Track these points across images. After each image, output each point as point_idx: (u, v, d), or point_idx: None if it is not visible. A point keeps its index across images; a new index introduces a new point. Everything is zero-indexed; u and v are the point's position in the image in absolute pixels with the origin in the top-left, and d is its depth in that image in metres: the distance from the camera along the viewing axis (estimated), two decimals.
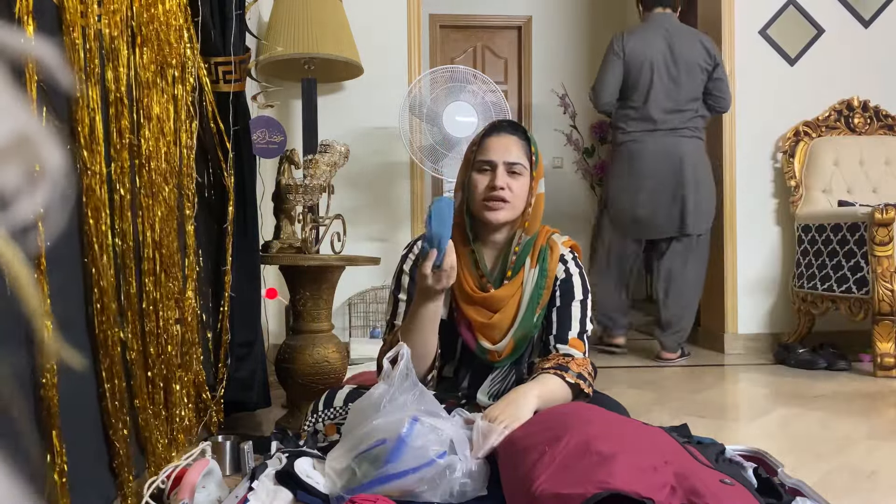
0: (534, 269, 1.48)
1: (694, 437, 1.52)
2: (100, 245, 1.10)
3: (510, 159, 1.45)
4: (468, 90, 2.82)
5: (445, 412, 1.26)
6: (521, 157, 1.46)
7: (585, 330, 1.49)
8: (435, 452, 1.14)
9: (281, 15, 2.71)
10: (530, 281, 1.48)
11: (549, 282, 1.48)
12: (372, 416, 1.20)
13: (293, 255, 1.94)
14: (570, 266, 1.51)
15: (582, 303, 1.50)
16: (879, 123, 3.39)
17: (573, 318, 1.48)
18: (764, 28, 3.37)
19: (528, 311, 1.46)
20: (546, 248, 1.51)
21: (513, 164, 1.45)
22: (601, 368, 2.97)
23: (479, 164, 1.47)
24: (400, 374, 1.24)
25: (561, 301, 1.48)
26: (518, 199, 1.46)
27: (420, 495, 1.14)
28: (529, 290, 1.47)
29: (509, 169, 1.45)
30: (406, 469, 1.12)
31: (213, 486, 1.27)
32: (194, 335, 1.52)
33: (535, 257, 1.49)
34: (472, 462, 1.18)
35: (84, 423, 1.10)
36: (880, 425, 2.00)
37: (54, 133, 0.30)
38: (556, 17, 5.48)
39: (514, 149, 1.46)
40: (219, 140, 1.70)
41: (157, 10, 1.34)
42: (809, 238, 3.13)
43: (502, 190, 1.43)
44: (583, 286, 1.51)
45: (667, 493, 0.95)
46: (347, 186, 3.10)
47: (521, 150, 1.47)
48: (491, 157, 1.46)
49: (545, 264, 1.49)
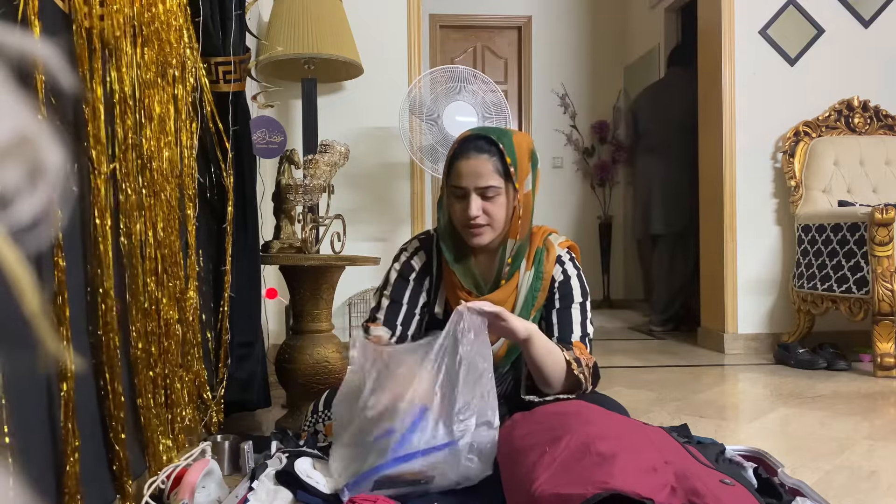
0: (529, 272, 1.47)
1: (694, 437, 1.52)
2: (104, 244, 1.10)
3: (481, 184, 1.40)
4: (468, 90, 2.82)
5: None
6: (493, 177, 1.40)
7: (587, 333, 1.47)
8: (442, 439, 1.14)
9: (281, 15, 2.71)
10: (525, 283, 1.47)
11: (546, 284, 1.47)
12: (359, 404, 1.20)
13: (293, 255, 1.94)
14: (568, 268, 1.50)
15: (582, 305, 1.48)
16: (879, 123, 3.39)
17: (574, 321, 1.46)
18: (764, 28, 3.37)
19: (523, 313, 1.45)
20: (542, 250, 1.49)
21: (485, 188, 1.40)
22: (601, 368, 2.97)
23: (453, 190, 1.44)
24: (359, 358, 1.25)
25: (560, 304, 1.47)
26: (497, 219, 1.42)
27: (427, 478, 1.14)
28: (524, 292, 1.46)
29: (482, 194, 1.40)
30: (415, 452, 1.13)
31: (213, 486, 1.27)
32: (195, 335, 1.52)
33: (531, 259, 1.48)
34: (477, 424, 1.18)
35: (84, 423, 1.10)
36: (880, 425, 2.00)
37: (57, 133, 0.30)
38: (556, 17, 5.48)
39: (484, 171, 1.39)
40: (219, 140, 1.70)
41: (157, 10, 1.34)
42: (809, 238, 3.13)
43: (477, 218, 1.40)
44: (581, 288, 1.49)
45: (667, 493, 0.95)
46: (347, 186, 3.10)
47: (493, 168, 1.40)
48: (462, 183, 1.42)
49: (541, 266, 1.47)
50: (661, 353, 3.46)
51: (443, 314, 1.50)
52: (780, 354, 3.07)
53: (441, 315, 1.50)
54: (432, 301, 1.53)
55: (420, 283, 1.52)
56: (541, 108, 5.48)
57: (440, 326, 1.47)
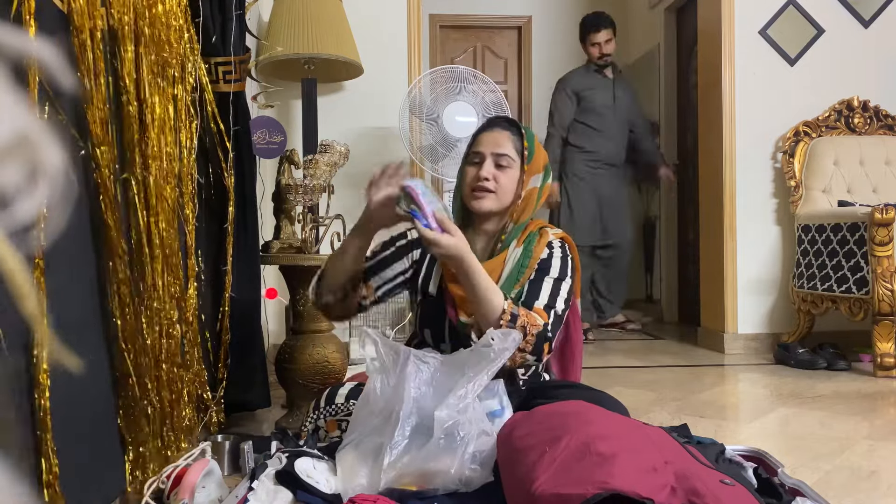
0: (518, 248, 1.50)
1: (694, 437, 1.52)
2: (108, 245, 1.10)
3: (498, 151, 1.49)
4: (468, 90, 2.82)
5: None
6: (510, 150, 1.50)
7: (554, 305, 1.43)
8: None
9: (281, 15, 2.71)
10: (513, 258, 1.49)
11: (533, 262, 1.48)
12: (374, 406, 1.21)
13: (293, 255, 1.94)
14: (555, 251, 1.51)
15: (556, 281, 1.46)
16: (879, 123, 3.39)
17: (543, 290, 1.44)
18: (764, 28, 3.37)
19: (506, 285, 1.45)
20: (535, 234, 1.53)
21: (500, 155, 1.49)
22: (601, 368, 2.98)
23: (471, 157, 1.54)
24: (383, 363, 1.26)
25: (535, 275, 1.47)
26: (504, 190, 1.49)
27: (432, 491, 1.15)
28: (511, 266, 1.48)
29: (497, 161, 1.49)
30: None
31: (213, 486, 1.27)
32: (195, 335, 1.52)
33: (522, 240, 1.52)
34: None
35: (84, 423, 1.10)
36: (880, 425, 2.00)
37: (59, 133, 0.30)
38: (556, 17, 5.48)
39: (503, 142, 1.50)
40: (219, 140, 1.70)
41: (157, 10, 1.34)
42: (809, 238, 3.13)
43: (486, 181, 1.48)
44: (561, 268, 1.48)
45: (667, 493, 0.95)
46: (347, 186, 3.10)
47: (512, 143, 1.51)
48: (480, 149, 1.51)
49: (530, 246, 1.50)
50: (660, 353, 3.45)
51: (436, 293, 1.52)
52: (780, 354, 3.07)
53: (434, 293, 1.52)
54: (425, 279, 1.55)
55: (405, 250, 1.57)
56: (541, 108, 5.47)
57: (434, 309, 1.49)
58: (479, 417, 1.20)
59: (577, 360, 1.65)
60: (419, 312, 1.56)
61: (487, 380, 1.23)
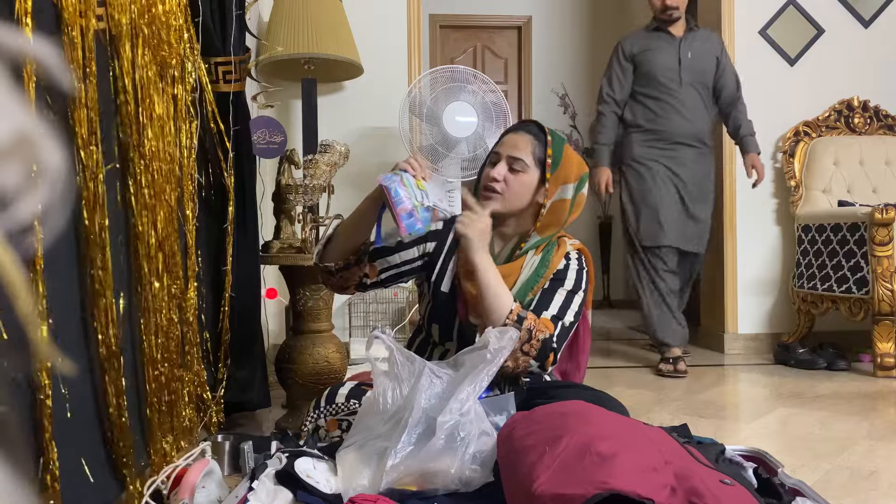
0: (537, 257, 1.50)
1: (694, 437, 1.52)
2: (101, 245, 1.10)
3: (513, 154, 1.48)
4: (468, 90, 2.82)
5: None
6: (527, 155, 1.48)
7: (562, 317, 1.43)
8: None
9: (281, 15, 2.70)
10: (530, 266, 1.49)
11: (549, 272, 1.48)
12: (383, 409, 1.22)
13: (293, 255, 1.94)
14: (572, 262, 1.51)
15: (569, 293, 1.47)
16: (879, 123, 3.39)
17: (554, 301, 1.45)
18: (764, 28, 3.37)
19: (520, 292, 1.46)
20: (553, 244, 1.52)
21: (515, 159, 1.48)
22: (602, 368, 2.98)
23: (491, 156, 1.54)
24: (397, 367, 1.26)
25: (549, 285, 1.47)
26: (513, 193, 1.47)
27: (432, 491, 1.15)
28: (527, 273, 1.48)
29: (511, 164, 1.48)
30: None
31: (213, 486, 1.27)
32: (195, 335, 1.52)
33: (542, 248, 1.51)
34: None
35: (84, 423, 1.10)
36: (880, 425, 2.00)
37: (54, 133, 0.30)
38: (556, 17, 5.48)
39: (522, 146, 1.49)
40: (218, 140, 1.70)
41: (157, 10, 1.34)
42: (809, 238, 3.13)
43: (494, 181, 1.47)
44: (576, 280, 1.49)
45: (667, 493, 0.95)
46: (347, 186, 3.10)
47: (532, 149, 1.48)
48: (500, 149, 1.51)
49: (548, 255, 1.50)
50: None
51: (448, 291, 1.51)
52: (780, 354, 3.07)
53: (447, 291, 1.51)
54: (439, 276, 1.53)
55: (417, 239, 1.55)
56: (541, 108, 5.48)
57: (445, 307, 1.49)
58: (479, 418, 1.20)
59: (582, 369, 1.65)
60: (429, 307, 1.55)
61: (488, 380, 1.23)
